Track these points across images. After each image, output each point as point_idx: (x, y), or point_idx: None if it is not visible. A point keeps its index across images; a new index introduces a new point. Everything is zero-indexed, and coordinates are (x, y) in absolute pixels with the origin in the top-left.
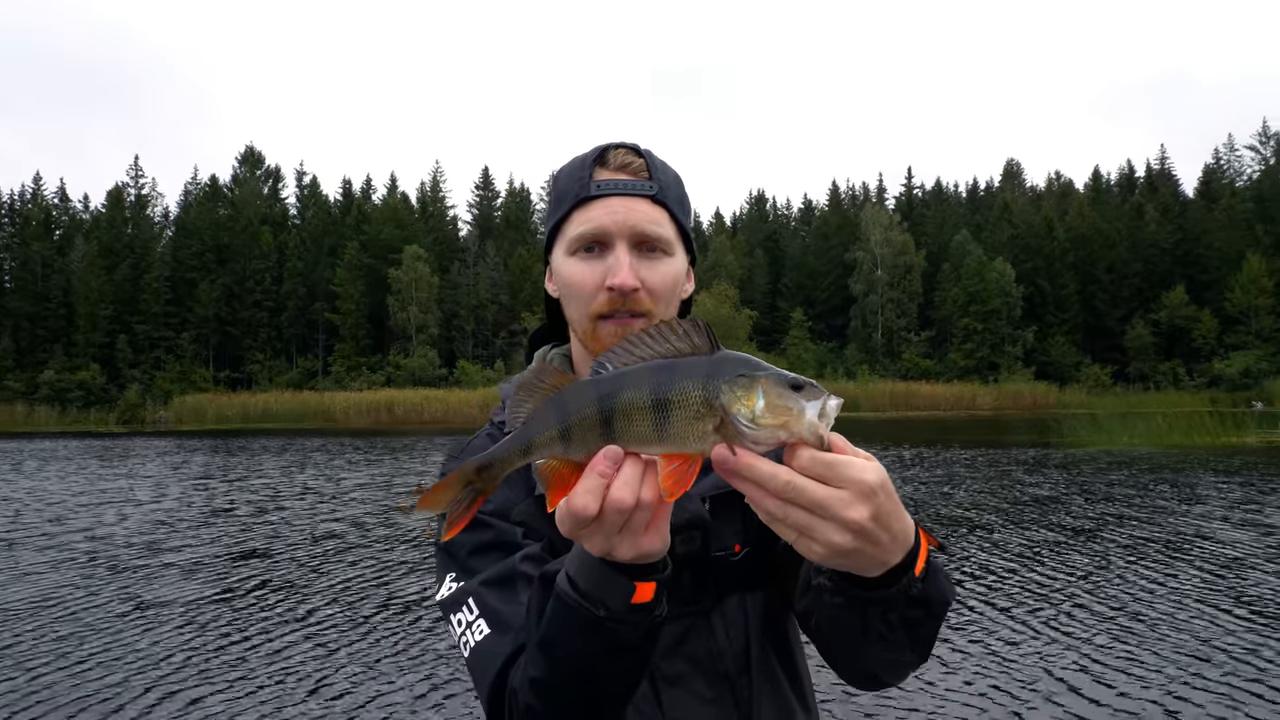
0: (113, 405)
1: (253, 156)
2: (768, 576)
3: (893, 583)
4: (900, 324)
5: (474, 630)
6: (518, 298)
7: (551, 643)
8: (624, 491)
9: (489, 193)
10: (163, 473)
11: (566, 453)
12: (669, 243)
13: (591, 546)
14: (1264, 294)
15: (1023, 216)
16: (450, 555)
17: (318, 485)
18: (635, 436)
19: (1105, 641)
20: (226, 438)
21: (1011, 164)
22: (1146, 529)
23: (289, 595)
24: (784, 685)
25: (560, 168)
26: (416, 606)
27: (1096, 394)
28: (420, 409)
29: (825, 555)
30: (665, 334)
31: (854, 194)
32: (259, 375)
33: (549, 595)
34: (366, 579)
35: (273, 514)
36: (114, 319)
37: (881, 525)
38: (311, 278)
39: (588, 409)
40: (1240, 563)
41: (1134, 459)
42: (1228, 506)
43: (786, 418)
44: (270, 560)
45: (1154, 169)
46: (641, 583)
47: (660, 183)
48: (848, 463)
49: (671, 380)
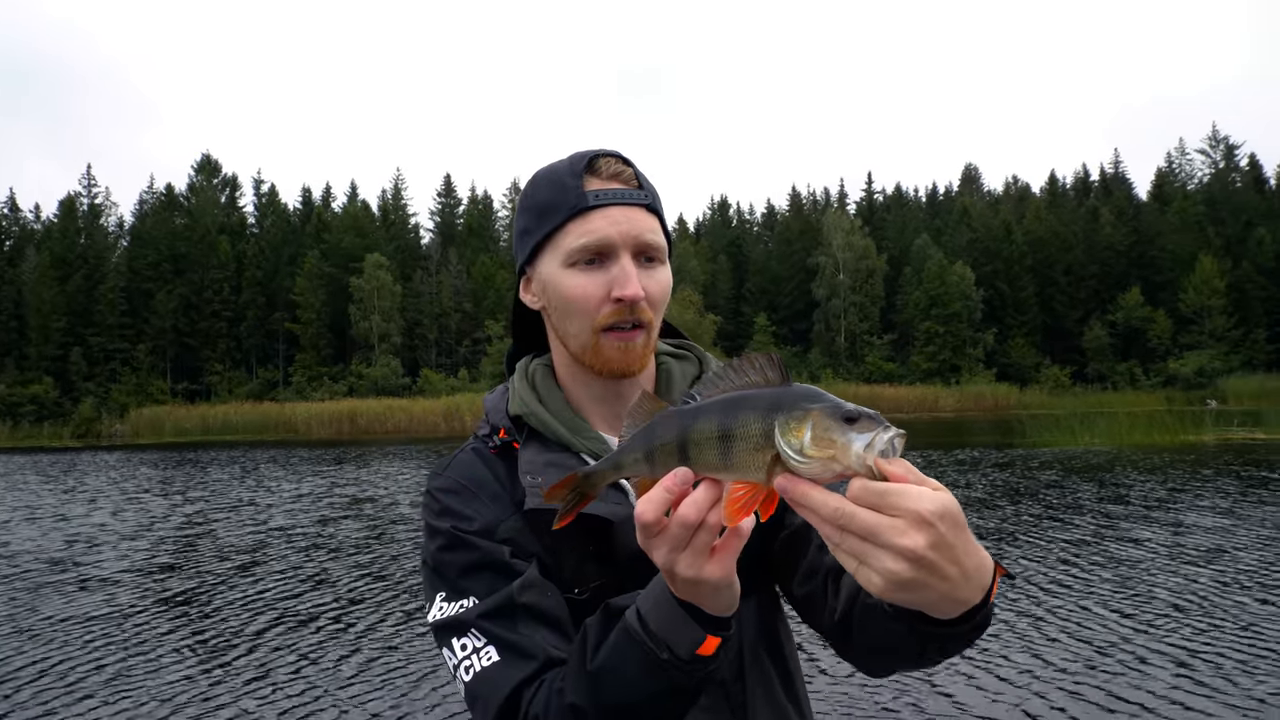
0: (67, 419)
1: (209, 164)
2: (761, 581)
3: (967, 621)
4: (863, 327)
5: (480, 656)
6: (481, 305)
7: (606, 674)
8: (690, 509)
9: (451, 200)
10: (116, 487)
11: (652, 473)
12: (663, 251)
13: (656, 557)
14: (1216, 295)
15: (981, 220)
16: (439, 575)
17: (276, 496)
18: (705, 463)
19: (1091, 637)
20: (185, 450)
21: (970, 168)
22: (1116, 525)
23: (246, 610)
24: (777, 688)
25: (538, 175)
26: (384, 619)
27: (1056, 394)
28: (383, 419)
29: (884, 586)
30: (744, 369)
31: (815, 199)
32: (218, 387)
33: (610, 626)
34: (334, 591)
35: (230, 527)
36: (67, 331)
37: (946, 557)
38: (271, 287)
39: (669, 435)
40: (1217, 552)
41: (1097, 458)
42: (1194, 501)
43: (832, 450)
44: (227, 574)
45: (1108, 173)
46: (712, 635)
47: (649, 191)
48: (901, 491)
49: (737, 412)
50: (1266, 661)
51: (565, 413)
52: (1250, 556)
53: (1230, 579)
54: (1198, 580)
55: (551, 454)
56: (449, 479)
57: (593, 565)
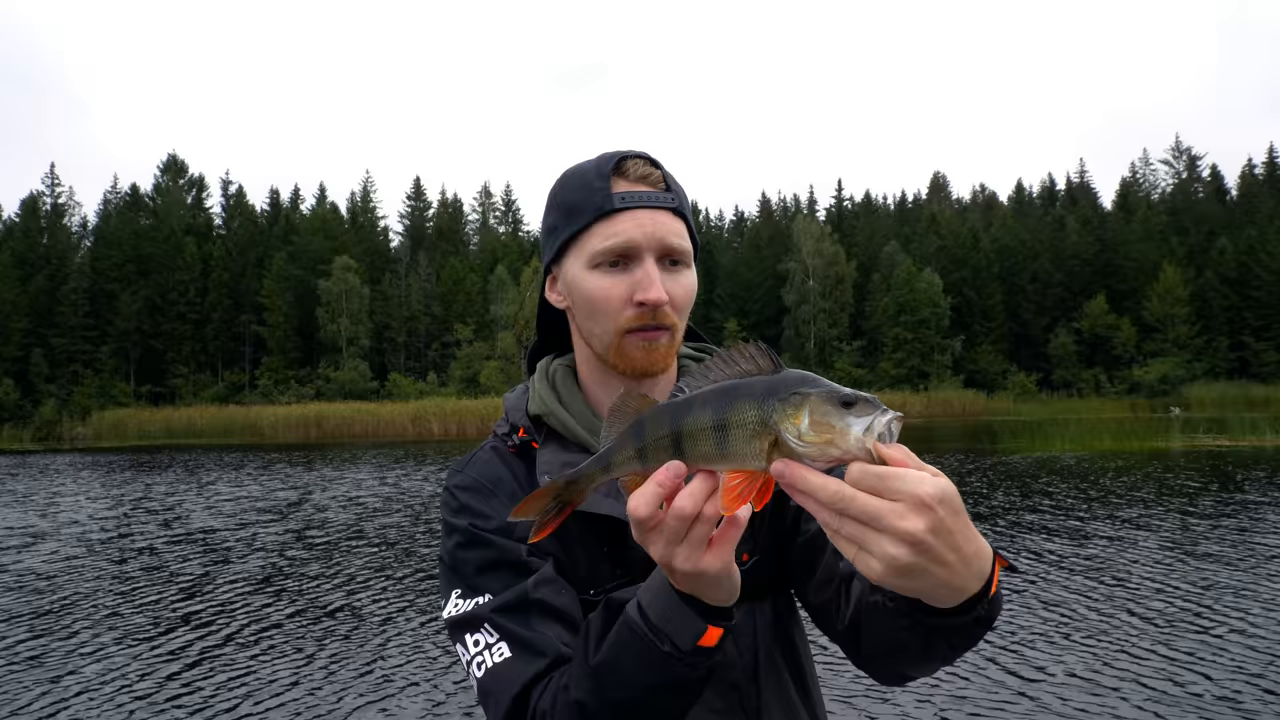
0: (27, 422)
1: (175, 165)
2: (777, 585)
3: (968, 611)
4: (832, 334)
5: (493, 652)
6: (450, 309)
7: (608, 669)
8: (686, 501)
9: (421, 203)
10: (78, 490)
11: (644, 470)
12: (689, 254)
13: (654, 552)
14: (1180, 303)
15: (949, 228)
16: (456, 572)
17: (237, 500)
18: (700, 455)
19: (1091, 640)
20: (148, 454)
21: (938, 176)
22: (1097, 529)
23: (202, 617)
24: (792, 692)
25: (566, 175)
26: (371, 620)
27: (1023, 401)
28: (351, 422)
29: (884, 572)
30: (735, 358)
31: (785, 205)
32: (183, 389)
33: (613, 621)
34: (310, 595)
35: (194, 532)
36: (28, 332)
37: (945, 543)
38: (238, 289)
39: (661, 430)
40: (1192, 556)
41: (1069, 464)
42: (1173, 506)
43: (831, 434)
44: (187, 579)
45: (1074, 182)
46: (713, 626)
47: (676, 193)
48: (901, 475)
49: (731, 401)
50: (1249, 664)
51: (585, 414)
52: (1233, 560)
53: (1222, 584)
54: (1191, 585)
55: (570, 454)
56: (467, 477)
57: (606, 566)
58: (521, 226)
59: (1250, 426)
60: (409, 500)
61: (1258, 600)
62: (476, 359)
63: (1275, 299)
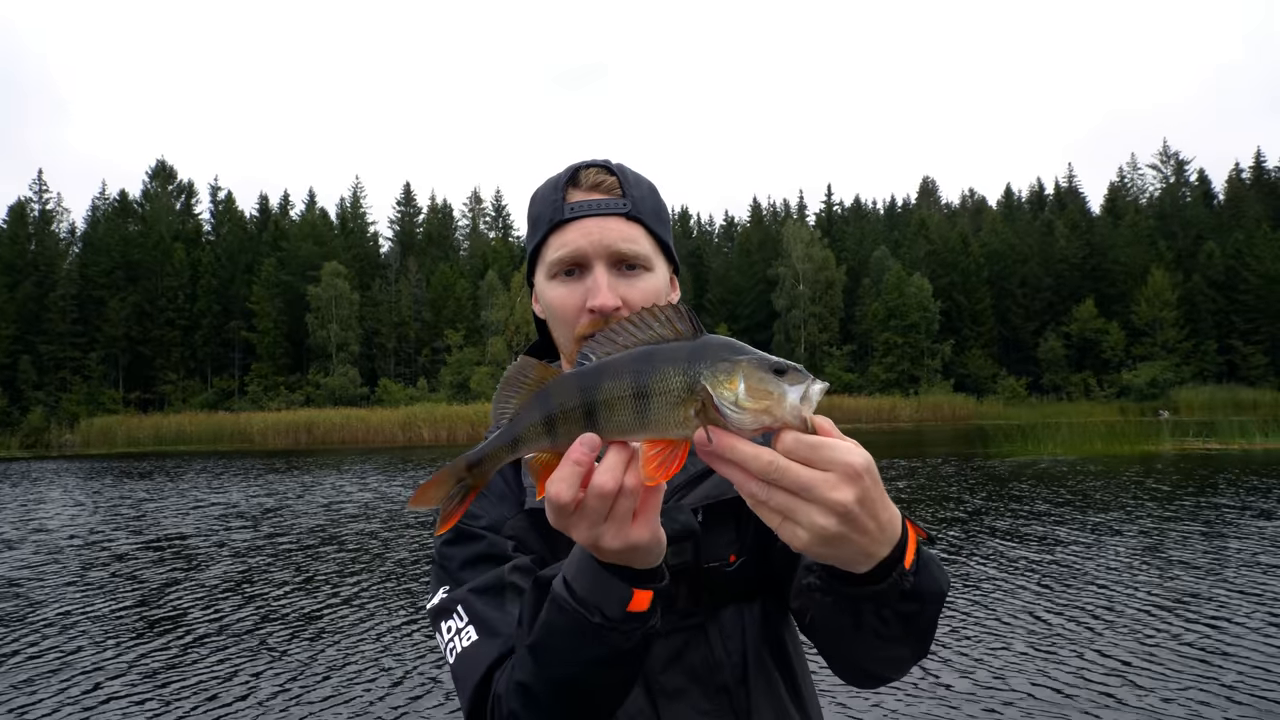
0: (15, 429)
1: (164, 171)
2: (764, 585)
3: (882, 577)
4: (822, 338)
5: (461, 637)
6: (440, 315)
7: (543, 648)
8: (605, 477)
9: (411, 209)
10: (63, 497)
11: (554, 445)
12: (646, 258)
13: (578, 536)
14: (1168, 307)
15: (939, 232)
16: (443, 569)
17: (225, 506)
18: (618, 425)
19: (1089, 641)
20: (137, 461)
21: (927, 181)
22: (1094, 531)
23: (190, 621)
24: (783, 694)
25: (536, 190)
26: (360, 624)
27: (1013, 405)
28: (341, 428)
29: (809, 542)
30: (648, 320)
31: (775, 210)
32: (172, 396)
33: (543, 599)
34: (285, 600)
35: (175, 538)
36: (16, 339)
37: (868, 511)
38: (227, 295)
39: (570, 401)
40: (1187, 563)
41: (1062, 467)
42: (1166, 509)
43: (768, 401)
44: (177, 585)
45: (1062, 186)
46: (639, 589)
47: (633, 198)
48: (833, 445)
49: (652, 367)
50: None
51: None
52: (1234, 563)
53: (1218, 587)
54: (1189, 588)
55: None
56: None
57: None
58: (512, 232)
59: (1239, 430)
60: (393, 506)
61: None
62: (467, 365)
63: (1262, 303)
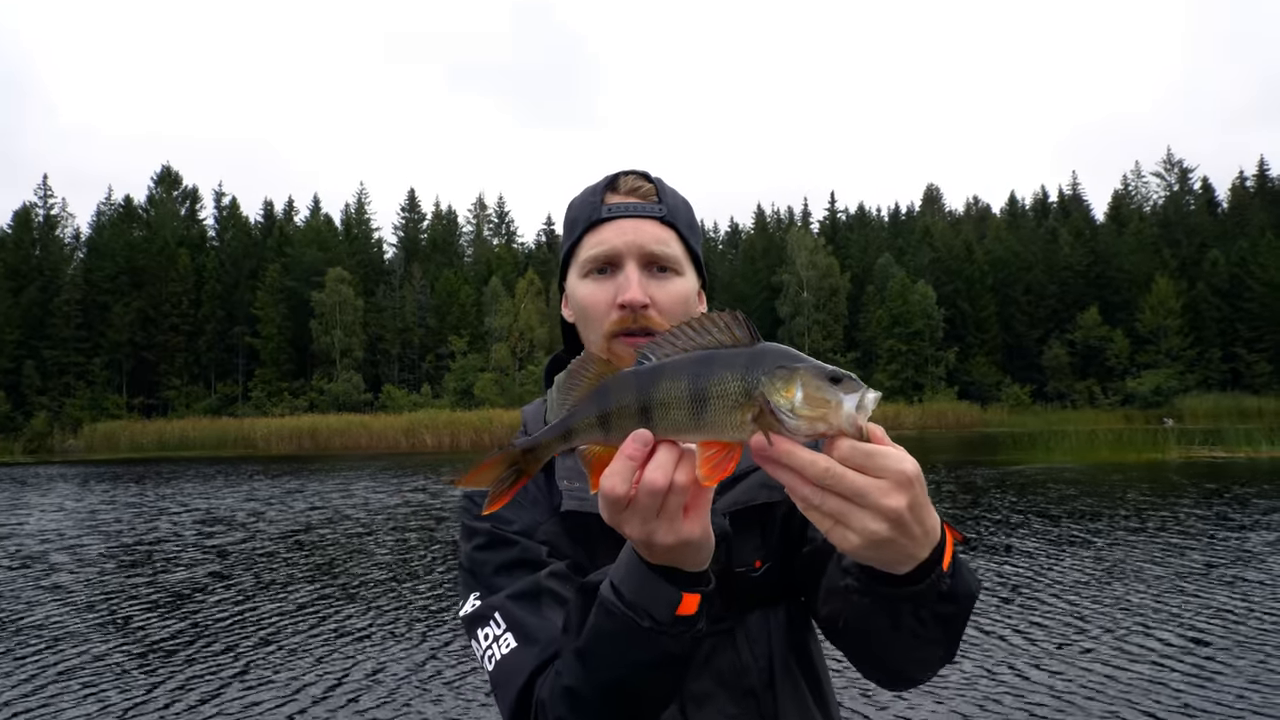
0: (19, 433)
1: (169, 176)
2: (789, 591)
3: (921, 579)
4: (826, 345)
5: (500, 644)
6: (444, 321)
7: (591, 652)
8: (657, 474)
9: (415, 215)
10: (66, 502)
11: (606, 440)
12: (678, 261)
13: (631, 531)
14: (1172, 314)
15: (943, 240)
16: (474, 575)
17: (229, 511)
18: (672, 425)
19: (1108, 647)
20: (140, 466)
21: (931, 189)
22: (1104, 542)
23: (195, 629)
24: (808, 698)
25: (573, 197)
26: (369, 631)
27: (1017, 413)
28: (344, 434)
29: (859, 545)
30: (707, 326)
31: (780, 217)
32: (176, 401)
33: (590, 604)
34: (301, 606)
35: (177, 543)
36: (20, 344)
37: (916, 517)
38: (231, 301)
39: (627, 398)
40: (1203, 573)
41: (1069, 475)
42: (1177, 518)
43: (825, 409)
44: (178, 592)
45: (1066, 194)
46: (687, 593)
47: (669, 205)
48: (886, 453)
49: (711, 371)
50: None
51: None
52: (1244, 572)
53: (1231, 599)
54: (1203, 598)
55: None
56: None
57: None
58: (515, 238)
59: (1245, 438)
60: (396, 513)
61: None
62: (471, 371)
63: (1267, 310)
